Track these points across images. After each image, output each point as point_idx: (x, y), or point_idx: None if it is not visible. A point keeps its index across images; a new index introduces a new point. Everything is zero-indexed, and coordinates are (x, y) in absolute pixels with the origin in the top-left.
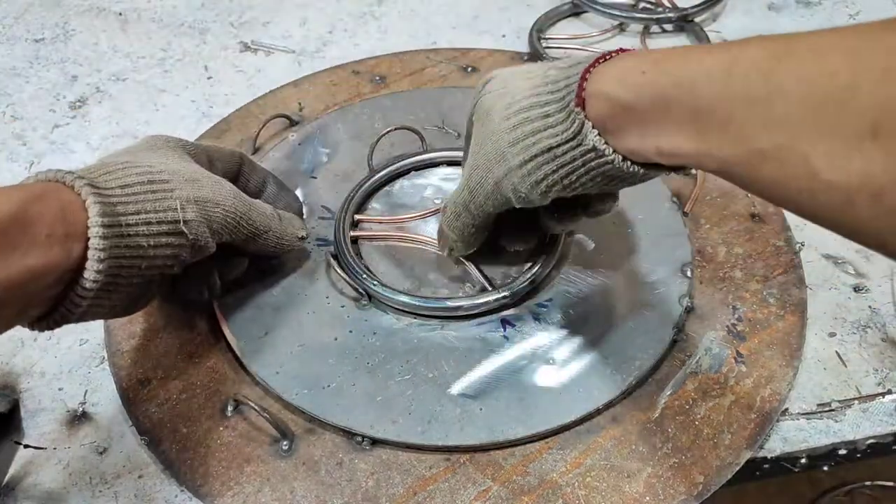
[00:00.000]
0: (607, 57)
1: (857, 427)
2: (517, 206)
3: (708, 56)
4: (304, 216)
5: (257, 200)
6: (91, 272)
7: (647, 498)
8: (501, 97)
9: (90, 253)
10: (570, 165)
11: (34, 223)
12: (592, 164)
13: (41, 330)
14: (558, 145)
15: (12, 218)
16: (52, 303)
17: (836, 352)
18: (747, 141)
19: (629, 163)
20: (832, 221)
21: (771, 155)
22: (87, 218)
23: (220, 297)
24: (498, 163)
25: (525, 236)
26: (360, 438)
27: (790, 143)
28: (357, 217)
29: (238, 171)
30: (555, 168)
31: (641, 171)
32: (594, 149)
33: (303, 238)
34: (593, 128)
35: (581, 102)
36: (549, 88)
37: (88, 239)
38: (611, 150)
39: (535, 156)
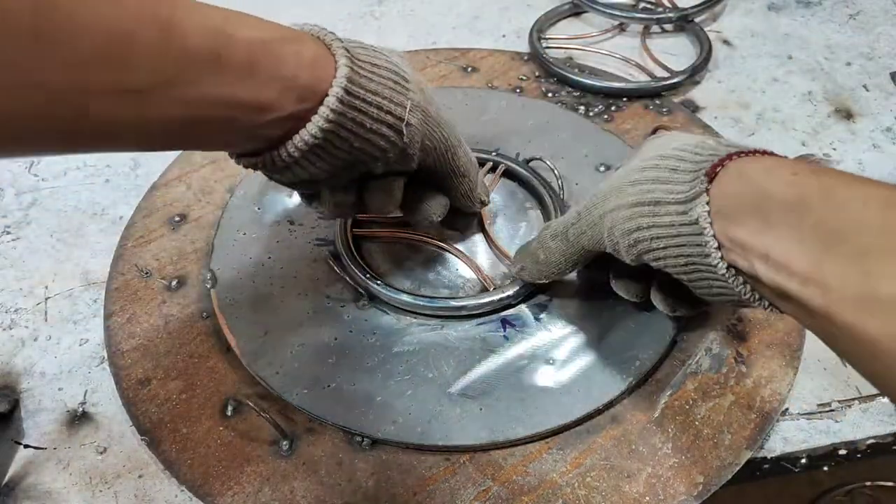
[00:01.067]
0: (763, 152)
1: (857, 427)
2: (607, 251)
3: (869, 186)
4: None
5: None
6: (314, 126)
7: (647, 498)
8: (654, 147)
9: (321, 109)
10: (664, 229)
11: (285, 61)
12: (685, 238)
13: (250, 167)
14: (667, 203)
15: (267, 49)
16: (268, 143)
17: None
18: (870, 279)
19: (719, 258)
20: None
21: (888, 306)
22: (333, 77)
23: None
24: (614, 195)
25: (631, 285)
26: (360, 438)
27: None
28: (357, 217)
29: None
30: (649, 224)
31: (730, 275)
32: (696, 222)
33: (484, 203)
34: (707, 203)
35: (712, 173)
36: (696, 150)
37: (325, 97)
38: (710, 232)
39: (642, 203)
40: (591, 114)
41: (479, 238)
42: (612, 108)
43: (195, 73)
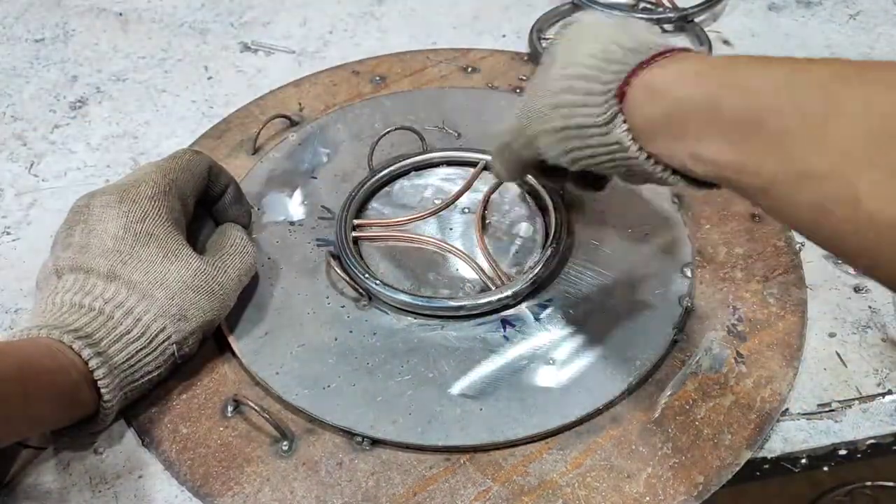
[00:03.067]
0: (667, 54)
1: (858, 427)
2: (549, 163)
3: (770, 66)
4: (305, 215)
5: (230, 250)
6: (102, 421)
7: (647, 498)
8: (567, 51)
9: (100, 412)
10: (597, 149)
11: (44, 378)
12: (617, 155)
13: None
14: (588, 126)
15: (31, 387)
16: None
17: (837, 352)
18: (794, 159)
19: (656, 164)
20: (865, 257)
21: (816, 176)
22: (92, 381)
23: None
24: (538, 120)
25: (555, 177)
26: (360, 438)
27: (839, 168)
28: (357, 219)
29: (208, 178)
30: (582, 146)
31: (668, 175)
32: (619, 142)
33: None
34: (624, 122)
35: (621, 94)
36: (603, 65)
37: (97, 390)
38: (636, 148)
39: (568, 128)
40: None
41: (478, 238)
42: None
43: None
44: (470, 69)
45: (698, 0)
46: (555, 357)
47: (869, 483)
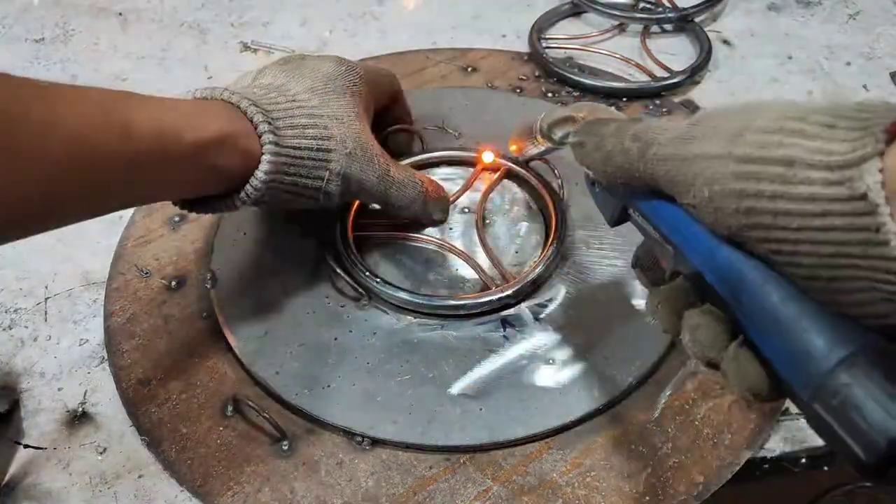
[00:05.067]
0: None
1: None
2: (681, 201)
3: None
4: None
5: (405, 176)
6: (233, 204)
7: (647, 498)
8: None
9: (239, 197)
10: (799, 203)
11: (222, 155)
12: (835, 219)
13: (200, 212)
14: (805, 164)
15: (208, 147)
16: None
17: None
18: None
19: None
20: None
21: None
22: (256, 165)
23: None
24: (721, 137)
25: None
26: (360, 438)
27: None
28: (357, 219)
29: (389, 105)
30: (774, 193)
31: None
32: (861, 197)
33: (439, 221)
34: (881, 172)
35: (892, 132)
36: (857, 106)
37: (247, 177)
38: (886, 211)
39: (764, 161)
40: None
41: (478, 238)
42: (612, 108)
43: (146, 172)
44: (470, 69)
45: (698, 0)
46: (555, 357)
47: (869, 483)
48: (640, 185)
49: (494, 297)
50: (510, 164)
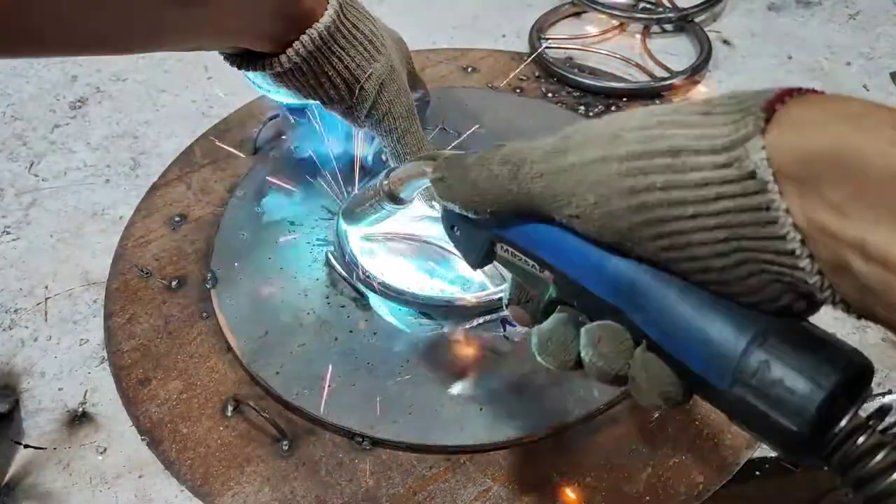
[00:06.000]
0: (799, 92)
1: None
2: (558, 218)
3: None
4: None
5: (421, 135)
6: (290, 54)
7: (647, 498)
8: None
9: (297, 43)
10: (691, 190)
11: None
12: (728, 201)
13: (248, 69)
14: (692, 151)
15: None
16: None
17: None
18: None
19: (790, 227)
20: None
21: None
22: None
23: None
24: (599, 142)
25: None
26: (360, 438)
27: None
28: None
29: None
30: (666, 183)
31: (805, 258)
32: (750, 176)
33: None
34: (764, 149)
35: (770, 109)
36: (730, 95)
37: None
38: (775, 189)
39: (651, 154)
40: (591, 114)
41: None
42: (612, 108)
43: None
44: (470, 69)
45: (698, 0)
46: None
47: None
48: (512, 208)
49: (494, 297)
50: None
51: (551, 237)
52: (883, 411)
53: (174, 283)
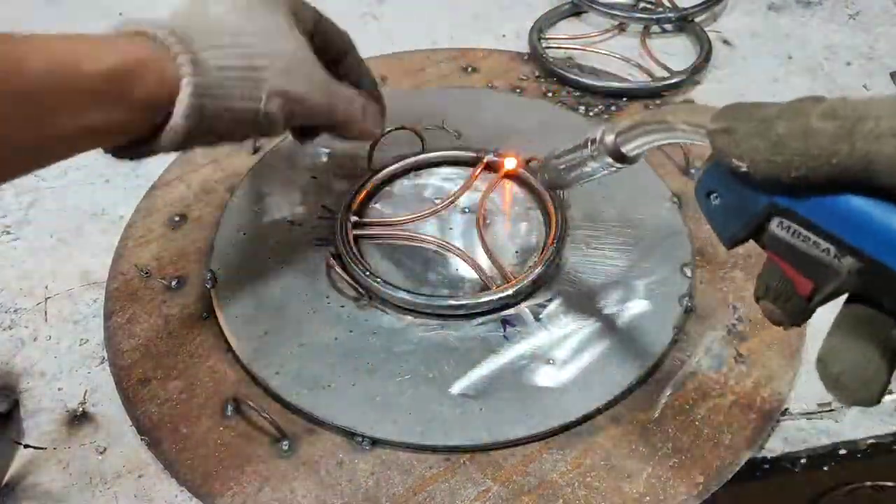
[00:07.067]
0: None
1: (858, 427)
2: (877, 182)
3: None
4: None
5: (346, 90)
6: (165, 141)
7: (647, 498)
8: None
9: (167, 130)
10: None
11: (132, 85)
12: None
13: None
14: None
15: (114, 76)
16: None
17: None
18: None
19: None
20: None
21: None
22: (178, 91)
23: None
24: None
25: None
26: (360, 438)
27: None
28: (357, 219)
29: (313, 30)
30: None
31: None
32: None
33: (375, 135)
34: None
35: None
36: None
37: (172, 107)
38: None
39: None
40: (590, 114)
41: (479, 238)
42: (612, 108)
43: (45, 105)
44: (470, 69)
45: (698, 0)
46: (555, 357)
47: (869, 483)
48: (829, 174)
49: (494, 297)
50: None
51: (874, 215)
52: None
53: (174, 283)
